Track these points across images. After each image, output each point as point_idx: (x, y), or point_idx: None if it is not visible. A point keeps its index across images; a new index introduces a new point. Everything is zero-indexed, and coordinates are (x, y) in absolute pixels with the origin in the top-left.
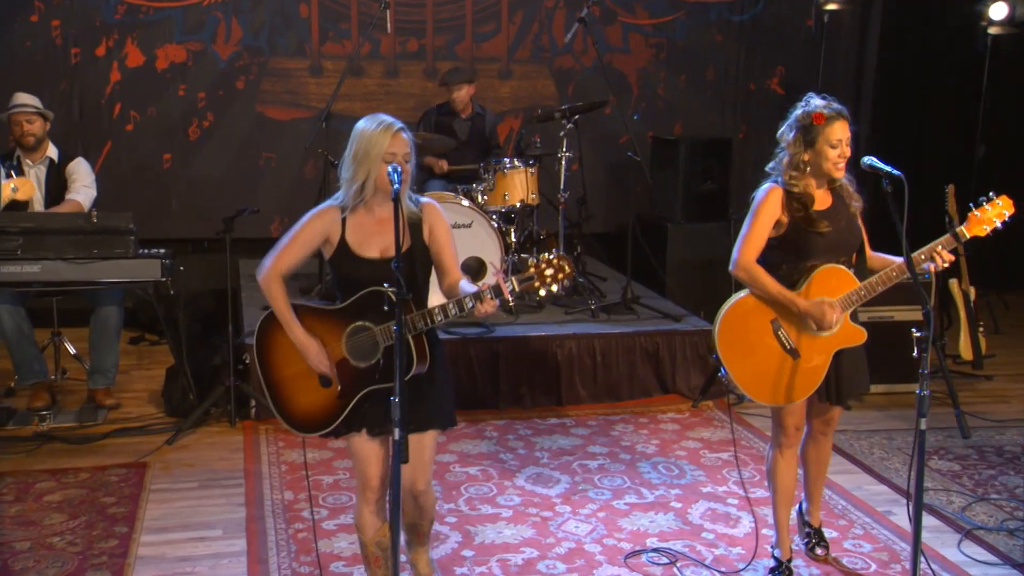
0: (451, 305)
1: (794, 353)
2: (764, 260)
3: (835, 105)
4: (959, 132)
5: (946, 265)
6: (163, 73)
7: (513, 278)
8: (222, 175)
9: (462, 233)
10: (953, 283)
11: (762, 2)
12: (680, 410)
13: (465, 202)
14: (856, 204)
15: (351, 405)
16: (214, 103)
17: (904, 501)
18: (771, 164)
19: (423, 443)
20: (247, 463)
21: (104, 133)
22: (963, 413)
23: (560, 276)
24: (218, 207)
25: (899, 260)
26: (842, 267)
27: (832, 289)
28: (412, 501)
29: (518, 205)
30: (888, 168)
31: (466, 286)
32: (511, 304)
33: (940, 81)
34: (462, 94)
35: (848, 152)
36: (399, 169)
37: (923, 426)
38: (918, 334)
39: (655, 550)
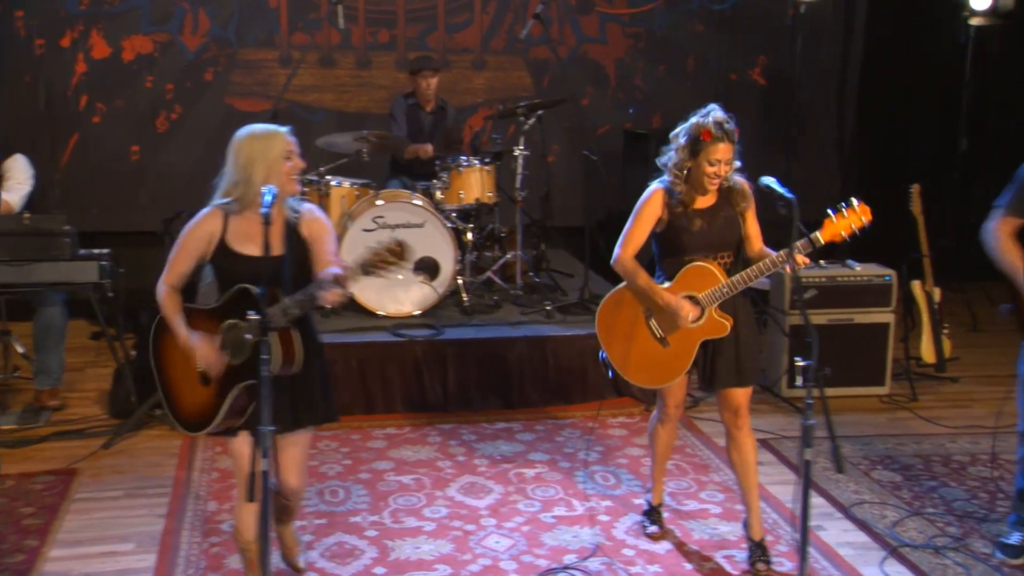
0: (300, 296)
1: (663, 342)
2: (656, 252)
3: (727, 127)
4: (943, 124)
5: (800, 267)
6: (130, 65)
7: (353, 264)
8: (191, 167)
9: (414, 233)
10: (916, 284)
11: None
12: (631, 414)
13: (418, 201)
14: (745, 205)
15: (227, 402)
16: (182, 95)
17: (839, 515)
18: (662, 159)
19: (296, 442)
20: (178, 470)
21: (71, 125)
22: (838, 446)
23: (394, 260)
24: (187, 200)
25: (772, 255)
26: (709, 264)
27: (697, 284)
28: (286, 486)
29: (474, 203)
30: (782, 190)
31: (323, 275)
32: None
33: (924, 73)
34: (433, 83)
35: (725, 172)
36: (274, 192)
37: (808, 456)
38: (802, 363)
39: (566, 568)
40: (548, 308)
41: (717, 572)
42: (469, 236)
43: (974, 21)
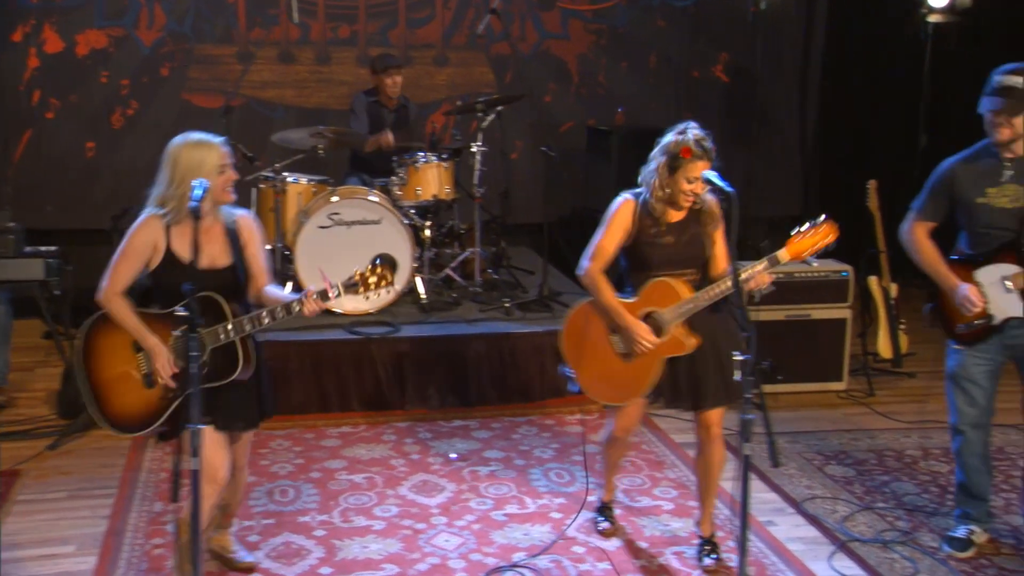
0: (279, 309)
1: (626, 357)
2: (624, 266)
3: (706, 144)
4: (903, 121)
5: (762, 288)
6: (84, 59)
7: (340, 283)
8: (148, 164)
9: (370, 230)
10: (872, 280)
11: None
12: (589, 411)
13: (374, 198)
14: (713, 225)
15: (174, 406)
16: (138, 90)
17: (791, 510)
18: (641, 176)
19: (247, 439)
20: (126, 471)
21: (23, 121)
22: (774, 440)
23: (383, 284)
24: (145, 197)
25: (756, 264)
26: (672, 280)
27: (658, 300)
28: (230, 483)
29: (432, 200)
30: (723, 184)
31: (274, 291)
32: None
33: (885, 69)
34: (398, 81)
35: (701, 190)
36: (205, 185)
37: (747, 451)
38: (740, 357)
39: (515, 566)
40: (507, 305)
41: (666, 568)
42: (427, 233)
43: (932, 18)
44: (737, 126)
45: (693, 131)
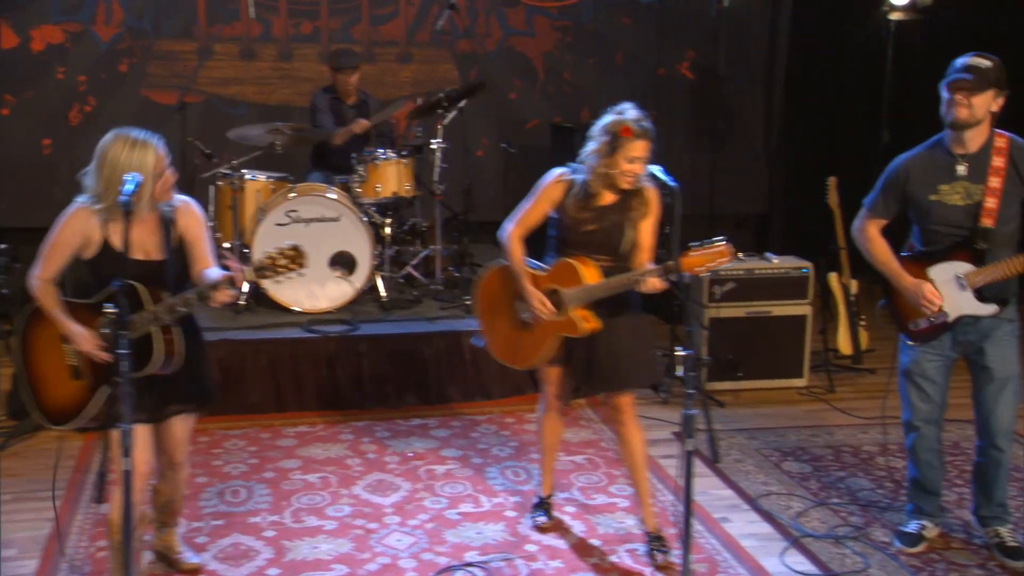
0: (190, 294)
1: (525, 325)
2: (551, 236)
3: (645, 123)
4: (866, 118)
5: (652, 290)
6: (39, 55)
7: (248, 268)
8: None
9: (329, 227)
10: (832, 277)
11: None
12: None
13: (332, 195)
14: (643, 211)
15: (97, 397)
16: (96, 87)
17: (746, 506)
18: (581, 156)
19: (175, 433)
20: (75, 473)
21: None
22: (715, 436)
23: (292, 267)
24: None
25: (647, 268)
26: (581, 263)
27: (563, 280)
28: (169, 475)
29: (392, 197)
30: (667, 179)
31: (208, 274)
32: (242, 301)
33: (849, 66)
34: (354, 79)
35: (641, 170)
36: (138, 179)
37: (690, 447)
38: (682, 352)
39: (467, 565)
40: (468, 303)
41: (617, 566)
42: (388, 230)
43: (894, 16)
44: (703, 123)
45: (632, 111)
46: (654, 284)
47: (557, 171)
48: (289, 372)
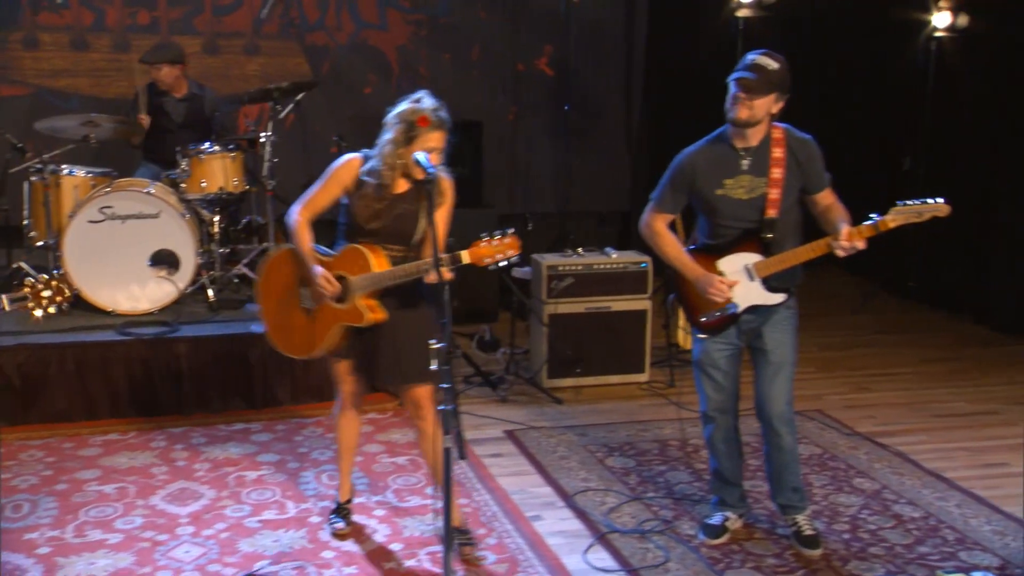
0: None
1: (307, 312)
2: (341, 222)
3: (442, 113)
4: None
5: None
6: None
7: (4, 296)
8: None
9: (149, 224)
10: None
11: None
12: (383, 409)
13: (151, 190)
14: (438, 201)
15: None
16: None
17: (561, 503)
18: (376, 143)
19: None
20: None
21: None
22: (461, 433)
23: (58, 299)
24: None
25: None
26: (369, 251)
27: (350, 267)
28: None
29: (218, 192)
30: (426, 166)
31: None
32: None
33: (703, 62)
34: (162, 74)
35: (436, 160)
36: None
37: (447, 443)
38: (436, 345)
39: (251, 575)
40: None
41: (413, 570)
42: (216, 228)
43: (741, 13)
44: (564, 120)
45: (428, 100)
46: (444, 274)
47: (349, 155)
48: (99, 378)
